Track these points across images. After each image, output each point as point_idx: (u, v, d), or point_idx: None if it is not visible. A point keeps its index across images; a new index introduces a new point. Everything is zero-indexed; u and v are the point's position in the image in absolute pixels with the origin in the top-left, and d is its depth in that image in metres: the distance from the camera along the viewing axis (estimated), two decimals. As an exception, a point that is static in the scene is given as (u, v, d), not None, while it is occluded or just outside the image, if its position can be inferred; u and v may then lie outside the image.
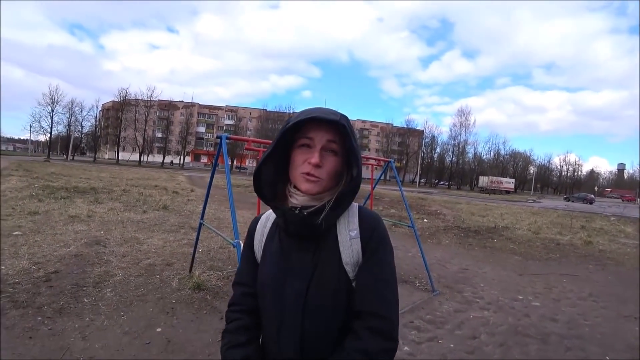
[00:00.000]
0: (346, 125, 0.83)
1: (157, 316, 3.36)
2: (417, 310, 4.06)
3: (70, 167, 28.80)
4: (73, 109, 60.40)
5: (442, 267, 6.17)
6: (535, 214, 17.28)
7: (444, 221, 12.34)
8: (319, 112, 0.83)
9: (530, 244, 8.87)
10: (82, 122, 62.70)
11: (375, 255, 0.87)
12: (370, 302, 0.83)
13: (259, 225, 0.99)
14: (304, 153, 0.86)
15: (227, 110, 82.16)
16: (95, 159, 61.43)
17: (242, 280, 0.98)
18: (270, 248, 0.93)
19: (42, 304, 3.31)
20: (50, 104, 57.26)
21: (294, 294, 0.85)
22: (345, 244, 0.87)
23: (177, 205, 11.01)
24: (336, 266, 0.86)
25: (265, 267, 0.92)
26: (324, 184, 0.86)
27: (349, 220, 0.89)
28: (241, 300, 0.96)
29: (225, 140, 3.51)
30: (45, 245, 5.18)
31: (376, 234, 0.88)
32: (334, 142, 0.85)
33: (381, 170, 6.57)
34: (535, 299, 4.76)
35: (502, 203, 26.94)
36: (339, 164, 0.87)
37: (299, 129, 0.86)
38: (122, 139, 65.65)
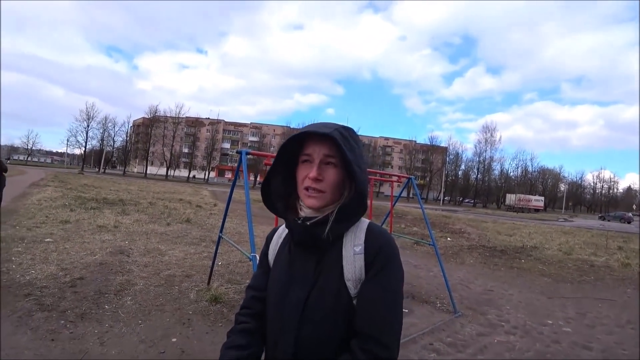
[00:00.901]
0: (338, 137, 0.82)
1: (174, 326, 3.38)
2: (437, 332, 3.89)
3: (102, 179, 30.12)
4: (106, 125, 64.03)
5: (465, 287, 5.93)
6: (566, 234, 16.45)
7: (468, 240, 11.94)
8: (313, 127, 0.85)
9: (561, 265, 8.40)
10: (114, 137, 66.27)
11: (380, 274, 0.83)
12: (368, 323, 0.81)
13: (276, 234, 1.03)
14: (305, 168, 0.87)
15: (251, 127, 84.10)
16: (125, 172, 64.06)
17: (254, 285, 1.01)
18: (281, 256, 0.96)
19: (66, 308, 3.42)
20: (86, 120, 61.08)
21: (294, 301, 0.86)
22: (348, 259, 0.85)
23: (200, 218, 11.22)
24: (337, 281, 0.85)
25: (274, 274, 0.95)
26: (326, 197, 0.86)
27: (356, 235, 0.88)
28: (251, 304, 0.98)
29: (245, 155, 3.58)
30: (73, 252, 5.39)
31: (382, 252, 0.85)
32: (331, 156, 0.85)
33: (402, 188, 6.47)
34: (566, 324, 4.47)
35: (530, 222, 25.85)
36: (340, 175, 0.87)
37: (302, 146, 0.88)
38: (151, 153, 68.34)
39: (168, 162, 66.96)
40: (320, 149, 0.86)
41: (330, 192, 0.86)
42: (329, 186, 0.86)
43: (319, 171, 0.85)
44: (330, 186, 0.86)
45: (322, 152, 0.85)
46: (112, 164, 77.31)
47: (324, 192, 0.85)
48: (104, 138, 64.54)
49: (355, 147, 0.87)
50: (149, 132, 67.43)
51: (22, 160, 73.44)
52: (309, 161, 0.87)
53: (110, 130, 64.91)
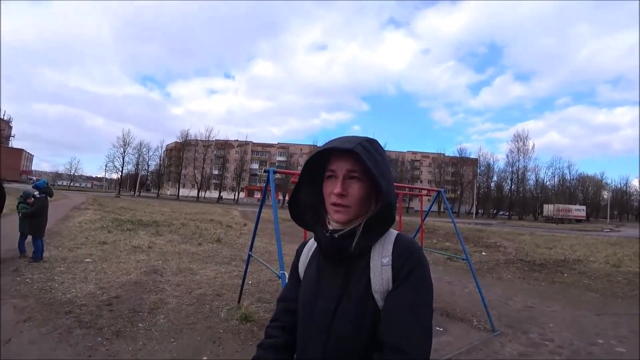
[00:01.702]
0: (360, 151, 0.82)
1: (205, 345, 3.41)
2: (474, 351, 3.69)
3: (137, 202, 31.49)
4: (141, 150, 67.50)
5: (504, 304, 5.62)
6: (613, 245, 15.31)
7: (504, 254, 11.38)
8: (336, 142, 0.86)
9: (610, 279, 7.81)
10: (149, 162, 69.67)
11: (406, 283, 0.82)
12: (393, 333, 0.78)
13: (306, 247, 1.04)
14: (331, 184, 0.88)
15: (279, 147, 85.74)
16: (159, 194, 66.79)
17: (285, 297, 1.02)
18: (310, 269, 0.97)
19: (102, 326, 3.55)
20: (123, 146, 64.74)
21: (321, 314, 0.86)
22: (376, 271, 0.85)
23: (230, 238, 11.42)
24: (364, 293, 0.84)
25: (303, 287, 0.96)
26: (352, 211, 0.86)
27: (384, 247, 0.87)
28: (281, 317, 0.99)
29: (272, 173, 3.65)
30: (110, 272, 5.62)
31: (409, 262, 0.83)
32: (354, 171, 0.86)
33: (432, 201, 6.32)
34: (619, 344, 4.11)
35: (572, 233, 24.33)
36: (364, 189, 0.86)
37: (327, 160, 0.90)
38: (183, 176, 71.02)
39: (199, 184, 69.22)
40: (344, 165, 0.86)
41: (355, 207, 0.86)
42: (354, 201, 0.86)
43: (344, 187, 0.85)
44: (355, 201, 0.86)
45: (345, 167, 0.86)
46: (146, 187, 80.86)
47: (350, 206, 0.86)
48: (139, 162, 68.05)
49: (380, 160, 0.86)
50: (180, 155, 70.41)
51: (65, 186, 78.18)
52: (333, 177, 0.88)
53: (144, 155, 68.47)
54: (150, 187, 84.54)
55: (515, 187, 69.41)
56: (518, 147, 69.72)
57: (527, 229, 27.21)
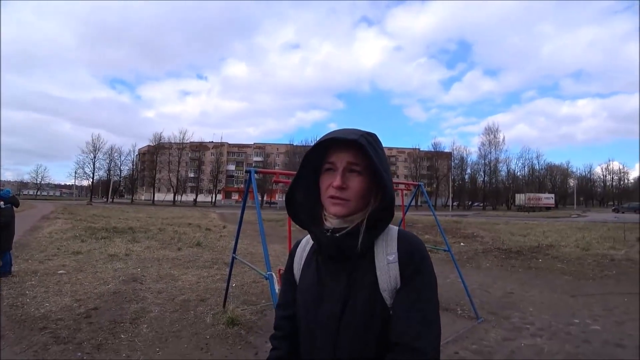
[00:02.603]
0: (365, 144, 0.79)
1: (192, 352, 3.32)
2: (461, 340, 3.78)
3: (110, 209, 30.36)
4: (112, 155, 65.18)
5: (485, 292, 5.79)
6: (582, 229, 16.09)
7: (482, 244, 11.74)
8: (338, 133, 0.82)
9: (581, 262, 8.19)
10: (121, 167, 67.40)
11: (414, 281, 0.80)
12: (404, 332, 0.77)
13: (299, 248, 1.00)
14: (329, 177, 0.84)
15: (255, 147, 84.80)
16: (133, 200, 64.70)
17: (282, 303, 0.99)
18: (308, 270, 0.93)
19: (82, 340, 3.39)
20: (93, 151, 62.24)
21: (327, 316, 0.83)
22: (382, 269, 0.82)
23: (210, 241, 11.20)
24: (372, 292, 0.81)
25: (302, 289, 0.92)
26: (351, 205, 0.83)
27: (388, 244, 0.85)
28: (280, 325, 0.96)
29: (254, 174, 3.59)
30: (86, 282, 5.38)
31: (415, 259, 0.82)
32: (356, 164, 0.83)
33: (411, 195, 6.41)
34: (594, 322, 4.33)
35: (543, 220, 25.38)
36: (365, 183, 0.83)
37: (325, 154, 0.86)
38: (157, 180, 69.01)
39: (175, 187, 67.51)
40: (344, 157, 0.83)
41: (355, 201, 0.83)
42: (353, 194, 0.83)
43: (343, 179, 0.82)
44: (355, 194, 0.83)
45: (346, 159, 0.82)
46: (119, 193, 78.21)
47: (349, 200, 0.82)
48: (111, 168, 65.81)
49: (381, 153, 0.84)
50: (154, 159, 68.36)
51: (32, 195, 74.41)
52: (332, 169, 0.84)
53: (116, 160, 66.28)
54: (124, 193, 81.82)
55: (488, 178, 71.67)
56: (489, 139, 71.94)
57: (502, 219, 28.19)
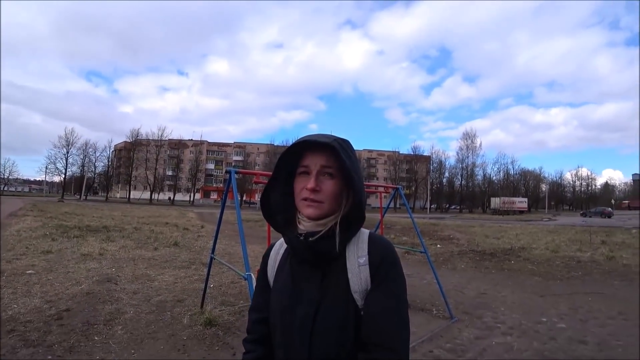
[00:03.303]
0: (337, 147, 0.82)
1: (169, 354, 3.28)
2: (435, 338, 3.89)
3: (83, 206, 29.30)
4: (87, 151, 62.82)
5: (459, 292, 5.96)
6: (552, 232, 16.79)
7: (457, 246, 12.06)
8: (311, 137, 0.85)
9: (550, 264, 8.56)
10: (96, 163, 65.04)
11: (384, 283, 0.83)
12: (375, 332, 0.80)
13: (273, 251, 1.01)
14: (303, 180, 0.87)
15: (235, 146, 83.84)
16: (107, 198, 62.58)
17: (255, 306, 0.99)
18: (281, 274, 0.93)
19: (52, 343, 3.27)
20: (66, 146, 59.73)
21: (301, 320, 0.84)
22: (353, 271, 0.84)
23: (188, 241, 11.00)
24: (344, 294, 0.83)
25: (276, 293, 0.92)
26: (324, 207, 0.85)
27: (359, 247, 0.87)
28: (254, 328, 0.97)
29: (234, 174, 3.57)
30: (57, 283, 5.19)
31: (386, 261, 0.85)
32: (329, 167, 0.85)
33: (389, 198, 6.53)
34: (560, 321, 4.54)
35: (516, 223, 26.32)
36: (338, 186, 0.86)
37: (299, 157, 0.88)
38: (134, 178, 67.13)
39: (152, 185, 65.81)
40: (318, 160, 0.85)
41: (328, 203, 0.85)
42: (327, 197, 0.85)
43: (317, 182, 0.84)
44: (328, 197, 0.85)
45: (320, 162, 0.85)
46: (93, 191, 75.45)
47: (323, 202, 0.85)
48: (85, 164, 63.36)
49: (352, 157, 0.87)
50: (131, 156, 66.50)
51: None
52: (306, 173, 0.86)
53: (91, 156, 63.93)
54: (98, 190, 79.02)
55: (465, 182, 73.61)
56: (467, 144, 73.97)
57: (477, 221, 29.02)
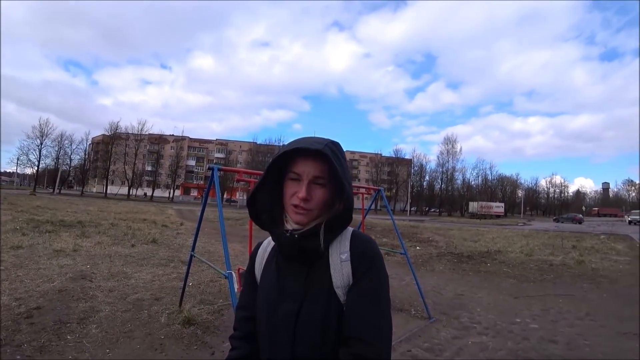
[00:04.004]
0: (329, 154, 0.83)
1: (145, 353, 3.20)
2: (414, 338, 3.95)
3: (57, 200, 28.22)
4: (62, 143, 60.29)
5: (437, 293, 6.08)
6: (526, 237, 17.35)
7: (436, 248, 12.30)
8: (303, 143, 0.85)
9: (524, 267, 8.85)
10: (71, 156, 62.50)
11: (365, 278, 0.84)
12: (356, 327, 0.81)
13: (261, 249, 1.01)
14: (293, 186, 0.87)
15: (217, 143, 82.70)
16: (83, 192, 60.44)
17: (242, 304, 0.99)
18: (268, 271, 0.94)
19: (21, 342, 3.14)
20: (40, 137, 57.15)
21: (285, 315, 0.85)
22: (336, 267, 0.86)
23: (167, 238, 10.79)
24: (327, 290, 0.84)
25: (262, 290, 0.93)
26: (313, 214, 0.87)
27: (341, 244, 0.89)
28: (240, 326, 0.97)
29: (217, 171, 3.53)
30: (27, 280, 4.99)
31: (367, 257, 0.87)
32: (321, 177, 0.86)
33: (371, 200, 6.59)
34: (533, 322, 4.70)
35: (493, 227, 27.03)
36: (328, 194, 0.87)
37: (290, 160, 0.88)
38: (111, 172, 65.10)
39: (130, 181, 64.04)
40: (310, 169, 0.86)
41: (317, 210, 0.87)
42: (317, 205, 0.86)
43: (308, 191, 0.85)
44: (317, 205, 0.86)
45: (312, 172, 0.86)
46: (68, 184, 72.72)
47: (312, 210, 0.86)
48: (60, 156, 60.76)
49: (343, 162, 0.88)
50: (109, 149, 64.40)
51: (-37, 183, 67.42)
52: (297, 179, 0.87)
53: (66, 148, 61.30)
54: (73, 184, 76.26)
55: (445, 186, 75.08)
56: (448, 149, 75.48)
57: (456, 225, 29.64)
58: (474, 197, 71.25)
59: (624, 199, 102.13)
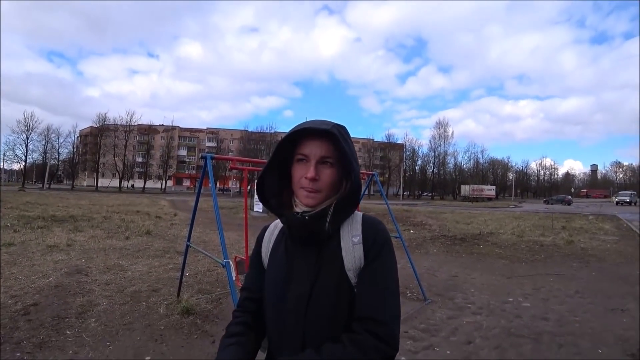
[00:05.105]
0: (337, 133, 0.84)
1: (146, 344, 3.23)
2: (410, 320, 4.04)
3: (47, 195, 27.82)
4: (49, 136, 59.02)
5: (432, 275, 6.19)
6: (517, 218, 17.67)
7: (430, 231, 12.45)
8: (311, 124, 0.86)
9: (516, 248, 9.03)
10: (59, 149, 61.31)
11: (376, 260, 0.86)
12: (368, 307, 0.82)
13: (267, 232, 1.02)
14: (301, 167, 0.88)
15: (208, 132, 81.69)
16: (74, 186, 59.60)
17: (248, 285, 1.01)
18: (276, 254, 0.95)
19: (20, 339, 3.13)
20: (25, 131, 55.83)
21: (295, 298, 0.86)
22: (348, 250, 0.87)
23: (161, 229, 10.76)
24: (338, 272, 0.86)
25: (271, 273, 0.94)
26: (322, 196, 0.87)
27: (353, 227, 0.90)
28: (244, 304, 0.98)
29: (210, 160, 3.50)
30: (22, 277, 4.95)
31: (378, 240, 0.88)
32: (328, 157, 0.87)
33: (365, 184, 6.62)
34: (525, 300, 4.83)
35: (485, 210, 27.44)
36: (336, 174, 0.88)
37: (297, 143, 0.89)
38: (101, 165, 64.16)
39: (121, 173, 63.22)
40: (317, 150, 0.86)
41: (326, 191, 0.88)
42: (325, 186, 0.87)
43: (316, 171, 0.86)
44: (326, 186, 0.87)
45: (319, 152, 0.86)
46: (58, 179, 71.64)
47: (320, 191, 0.87)
48: (47, 150, 59.60)
49: (350, 144, 0.89)
50: (98, 142, 63.25)
51: (-52, 181, 65.86)
52: (304, 160, 0.88)
53: (53, 142, 60.05)
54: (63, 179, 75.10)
55: (437, 170, 75.51)
56: (439, 133, 75.61)
57: (448, 208, 30.00)
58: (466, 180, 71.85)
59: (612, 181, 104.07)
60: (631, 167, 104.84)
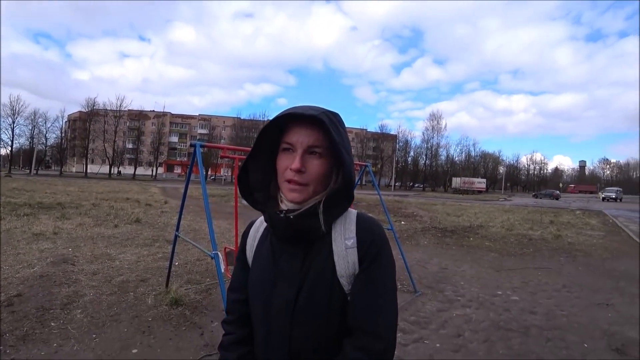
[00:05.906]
0: (326, 121, 0.75)
1: (133, 336, 3.18)
2: (400, 312, 4.03)
3: (34, 181, 27.31)
4: (36, 121, 57.70)
5: (422, 267, 6.22)
6: (507, 212, 17.89)
7: (421, 223, 12.53)
8: (297, 109, 0.77)
9: (505, 241, 9.14)
10: (47, 134, 60.07)
11: (372, 266, 0.79)
12: (363, 318, 0.76)
13: (253, 229, 0.95)
14: (287, 158, 0.79)
15: (200, 119, 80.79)
16: (62, 172, 58.63)
17: (234, 286, 0.95)
18: (261, 252, 0.88)
19: (2, 332, 3.05)
20: (11, 115, 54.51)
21: (282, 301, 0.80)
22: (340, 254, 0.79)
23: (151, 217, 10.63)
24: (329, 278, 0.78)
25: (255, 272, 0.88)
26: (309, 190, 0.79)
27: (346, 228, 0.81)
28: (233, 309, 0.93)
29: (199, 148, 3.41)
30: (6, 266, 4.83)
31: (374, 245, 0.80)
32: (316, 146, 0.78)
33: (358, 175, 6.58)
34: (513, 294, 4.88)
35: (475, 203, 27.73)
36: (325, 165, 0.79)
37: (284, 130, 0.80)
38: (90, 150, 63.10)
39: (111, 159, 62.28)
40: (304, 138, 0.78)
41: (313, 185, 0.78)
42: (312, 179, 0.78)
43: (302, 162, 0.77)
44: (314, 178, 0.78)
45: (306, 141, 0.78)
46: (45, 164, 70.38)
47: (307, 185, 0.78)
48: (34, 135, 58.34)
49: (342, 133, 0.80)
50: (87, 127, 62.01)
51: None
52: (290, 149, 0.79)
53: (41, 127, 58.80)
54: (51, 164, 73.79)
55: (429, 161, 76.13)
56: (433, 125, 76.09)
57: (439, 200, 30.25)
58: (457, 172, 72.55)
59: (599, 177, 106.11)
60: (618, 164, 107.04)
